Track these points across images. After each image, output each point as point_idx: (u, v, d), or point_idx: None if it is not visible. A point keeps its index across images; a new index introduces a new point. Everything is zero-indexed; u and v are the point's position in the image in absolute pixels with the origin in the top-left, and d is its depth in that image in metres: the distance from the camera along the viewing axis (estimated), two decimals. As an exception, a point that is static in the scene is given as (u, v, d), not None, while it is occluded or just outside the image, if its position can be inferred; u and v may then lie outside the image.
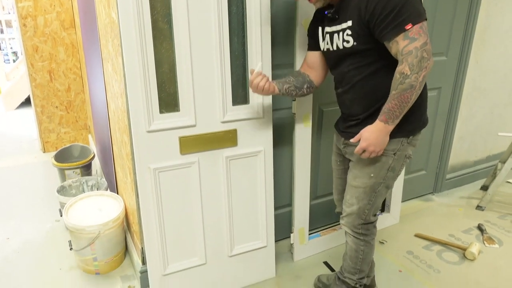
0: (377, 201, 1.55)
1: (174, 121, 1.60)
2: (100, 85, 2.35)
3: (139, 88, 1.51)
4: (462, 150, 2.99)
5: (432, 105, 2.64)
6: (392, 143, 1.44)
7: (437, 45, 2.48)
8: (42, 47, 3.53)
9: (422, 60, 1.23)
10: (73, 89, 3.76)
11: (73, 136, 3.91)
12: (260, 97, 1.73)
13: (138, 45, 1.47)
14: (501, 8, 2.70)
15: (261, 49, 1.67)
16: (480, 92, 2.87)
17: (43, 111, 3.72)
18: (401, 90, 1.27)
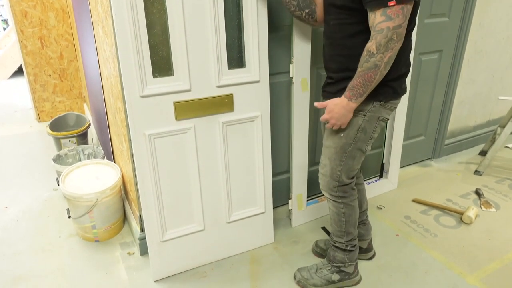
0: (349, 163, 1.53)
1: (168, 86, 1.55)
2: (92, 50, 2.28)
3: (131, 51, 1.45)
4: (462, 115, 2.96)
5: (433, 69, 2.58)
6: (361, 104, 1.41)
7: (439, 6, 2.39)
8: (31, 12, 3.41)
9: (390, 41, 1.22)
10: (66, 56, 3.67)
11: (68, 105, 3.85)
12: (257, 61, 1.67)
13: (128, 4, 1.39)
14: (507, -34, 2.60)
15: (256, 9, 1.60)
16: (481, 55, 2.81)
17: (36, 80, 3.65)
18: (366, 69, 1.28)
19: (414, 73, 2.47)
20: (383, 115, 1.47)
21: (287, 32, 1.86)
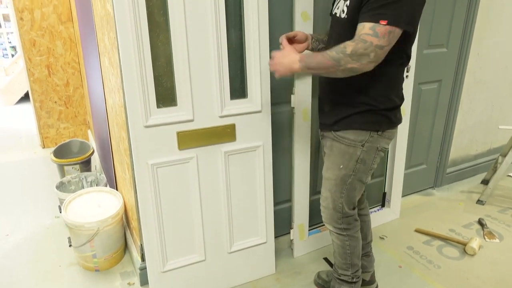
0: (350, 194, 1.54)
1: (172, 116, 1.58)
2: (98, 79, 2.33)
3: (136, 82, 1.48)
4: (463, 143, 2.97)
5: (432, 98, 2.61)
6: (359, 134, 1.43)
7: (437, 37, 2.45)
8: (40, 41, 3.50)
9: (365, 56, 1.22)
10: (72, 83, 3.73)
11: (73, 131, 3.89)
12: (259, 91, 1.70)
13: (134, 38, 1.44)
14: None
15: (258, 41, 1.64)
16: (481, 84, 2.85)
17: (42, 106, 3.70)
18: (331, 57, 1.26)
19: (414, 102, 2.50)
20: (382, 145, 1.48)
21: (289, 63, 1.90)
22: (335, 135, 1.49)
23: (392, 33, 1.22)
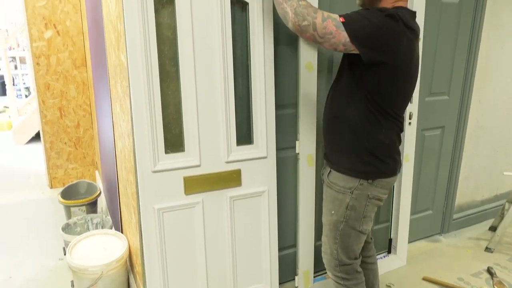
0: (345, 241, 1.53)
1: (179, 161, 1.62)
2: (108, 123, 2.40)
3: (146, 128, 1.54)
4: (468, 189, 2.97)
5: (436, 144, 2.64)
6: (348, 181, 1.46)
7: (438, 85, 2.52)
8: (54, 85, 3.63)
9: (299, 16, 1.30)
10: (82, 125, 3.83)
11: (81, 172, 3.95)
12: (264, 137, 1.75)
13: (146, 87, 1.51)
14: (501, 47, 2.76)
15: (264, 90, 1.71)
16: (483, 131, 2.88)
17: (52, 147, 3.78)
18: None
19: (418, 148, 2.53)
20: (374, 194, 1.48)
21: (294, 110, 1.96)
22: (328, 182, 1.54)
23: (335, 33, 1.28)
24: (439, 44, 2.42)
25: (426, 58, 2.35)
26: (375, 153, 1.43)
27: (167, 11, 1.53)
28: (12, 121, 5.84)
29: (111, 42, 1.90)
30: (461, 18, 2.46)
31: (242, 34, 1.67)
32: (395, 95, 1.39)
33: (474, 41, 2.56)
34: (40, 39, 3.43)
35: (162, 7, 1.52)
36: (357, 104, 1.41)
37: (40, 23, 3.38)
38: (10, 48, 6.66)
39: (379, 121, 1.40)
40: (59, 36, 3.49)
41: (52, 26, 3.44)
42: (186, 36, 1.54)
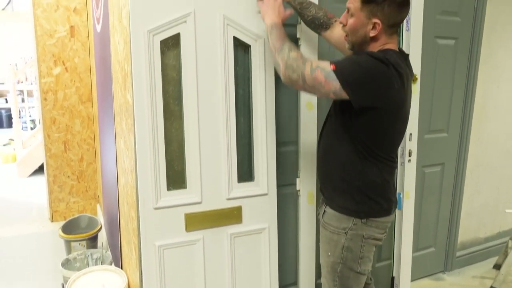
0: (344, 283, 1.50)
1: (181, 198, 1.64)
2: (112, 158, 2.44)
3: (149, 165, 1.57)
4: (471, 226, 2.95)
5: (436, 181, 2.66)
6: (342, 221, 1.46)
7: (437, 123, 2.56)
8: (60, 119, 3.70)
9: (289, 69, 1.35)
10: (86, 159, 3.87)
11: (82, 205, 3.95)
12: (265, 174, 1.78)
13: (150, 125, 1.56)
14: (497, 86, 2.82)
15: (265, 128, 1.75)
16: (483, 168, 2.90)
17: (55, 181, 3.81)
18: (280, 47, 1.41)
19: (418, 185, 2.54)
20: (369, 233, 1.47)
21: (294, 147, 2.00)
22: (322, 222, 1.54)
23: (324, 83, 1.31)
24: (437, 83, 2.49)
25: (424, 96, 2.41)
26: (367, 192, 1.44)
27: (173, 53, 1.60)
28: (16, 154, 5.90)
29: (117, 81, 1.96)
30: (457, 59, 2.54)
31: (244, 74, 1.73)
32: (386, 138, 1.41)
33: (471, 81, 2.63)
34: (49, 75, 3.53)
35: (168, 49, 1.59)
36: (348, 145, 1.43)
37: (49, 60, 3.50)
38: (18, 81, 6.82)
39: (370, 161, 1.42)
40: (67, 72, 3.59)
41: (61, 63, 3.55)
42: (190, 77, 1.60)
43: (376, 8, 1.32)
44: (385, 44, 1.39)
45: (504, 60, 2.80)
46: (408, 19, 2.12)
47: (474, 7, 2.50)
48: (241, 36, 1.67)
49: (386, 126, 1.38)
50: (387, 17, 1.34)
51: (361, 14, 1.35)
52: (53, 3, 3.37)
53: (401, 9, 1.35)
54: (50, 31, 3.43)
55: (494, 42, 2.70)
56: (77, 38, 3.53)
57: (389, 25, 1.35)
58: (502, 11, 2.66)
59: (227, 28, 1.63)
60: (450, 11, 2.40)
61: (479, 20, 2.53)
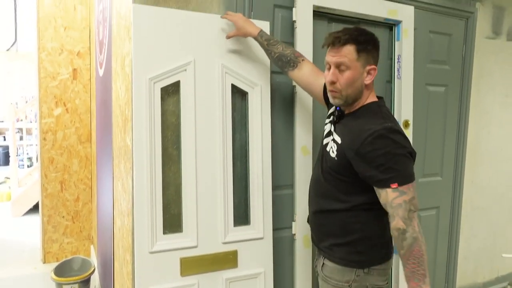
0: None
1: (177, 242, 1.64)
2: (108, 200, 2.45)
3: (146, 209, 1.59)
4: (468, 270, 2.92)
5: (432, 224, 2.66)
6: (344, 274, 1.44)
7: (430, 167, 2.60)
8: (58, 159, 3.72)
9: (410, 212, 1.27)
10: (82, 199, 3.86)
11: (76, 246, 3.89)
12: (261, 218, 1.79)
13: (148, 169, 1.59)
14: (488, 132, 2.89)
15: (262, 172, 1.78)
16: (479, 211, 2.92)
17: (49, 221, 3.77)
18: (408, 247, 1.27)
19: (415, 229, 2.54)
20: (373, 282, 1.45)
21: (290, 191, 2.02)
22: (323, 276, 1.51)
23: (410, 187, 1.28)
24: (429, 128, 2.55)
25: (417, 140, 2.46)
26: (367, 243, 1.44)
27: (173, 99, 1.66)
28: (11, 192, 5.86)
29: (117, 125, 2.01)
30: (448, 105, 2.62)
31: (241, 120, 1.79)
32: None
33: (462, 126, 2.70)
34: (50, 116, 3.59)
35: (168, 96, 1.65)
36: (346, 202, 1.43)
37: (51, 101, 3.57)
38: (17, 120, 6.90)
39: (369, 213, 1.42)
40: (68, 113, 3.66)
41: (62, 104, 3.62)
42: (189, 122, 1.65)
43: (369, 54, 1.37)
44: (371, 92, 1.44)
45: (493, 106, 2.89)
46: (399, 68, 2.22)
47: (462, 56, 2.61)
48: (239, 83, 1.74)
49: None
50: (376, 60, 1.40)
51: (357, 64, 1.35)
52: (58, 47, 3.49)
53: (378, 49, 1.43)
54: (53, 74, 3.53)
55: (483, 88, 2.80)
56: (79, 80, 3.63)
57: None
58: (488, 59, 2.78)
59: (225, 76, 1.70)
60: (439, 60, 2.51)
61: (467, 68, 2.63)
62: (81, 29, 3.54)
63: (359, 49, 1.35)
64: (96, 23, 2.91)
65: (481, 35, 2.70)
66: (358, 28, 1.41)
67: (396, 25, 2.21)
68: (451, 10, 2.47)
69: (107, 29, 2.27)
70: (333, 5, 1.96)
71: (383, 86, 2.31)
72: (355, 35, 1.35)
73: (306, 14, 1.88)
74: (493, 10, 2.73)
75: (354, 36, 1.35)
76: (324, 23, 2.03)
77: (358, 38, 1.35)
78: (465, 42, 2.60)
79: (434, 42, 2.46)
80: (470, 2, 2.58)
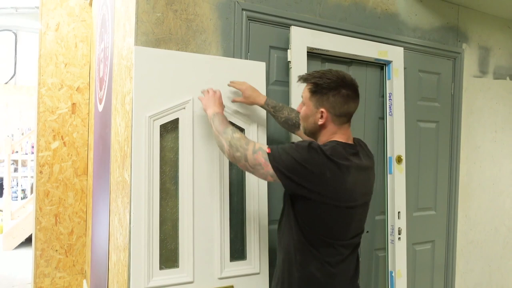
0: None
1: (173, 278, 1.64)
2: (104, 235, 2.44)
3: (142, 244, 1.60)
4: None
5: (428, 258, 2.67)
6: None
7: (424, 201, 2.64)
8: (53, 192, 3.72)
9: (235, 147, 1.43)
10: (76, 232, 3.82)
11: (68, 281, 3.82)
12: (257, 253, 1.80)
13: (146, 204, 1.61)
14: (479, 166, 2.95)
15: (258, 207, 1.81)
16: (474, 245, 2.93)
17: (42, 255, 3.72)
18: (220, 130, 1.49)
19: (410, 262, 2.55)
20: None
21: (286, 225, 2.03)
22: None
23: (263, 164, 1.37)
24: (421, 163, 2.60)
25: (410, 175, 2.51)
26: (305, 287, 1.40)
27: (171, 136, 1.71)
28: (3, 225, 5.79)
29: (116, 160, 2.05)
30: (439, 140, 2.69)
31: (238, 156, 1.83)
32: (327, 226, 1.38)
33: (454, 160, 2.76)
34: (47, 149, 3.62)
35: (166, 132, 1.70)
36: (291, 233, 1.43)
37: (49, 135, 3.61)
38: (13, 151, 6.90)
39: (312, 252, 1.38)
40: (65, 146, 3.69)
41: (59, 138, 3.66)
42: (187, 158, 1.69)
43: (322, 98, 1.40)
44: (334, 134, 1.43)
45: (483, 141, 2.96)
46: (391, 105, 2.29)
47: (451, 93, 2.71)
48: (236, 120, 1.79)
49: (323, 216, 1.36)
50: (333, 107, 1.40)
51: (310, 103, 1.43)
52: (58, 83, 3.57)
53: (347, 100, 1.40)
54: (52, 108, 3.58)
55: (473, 124, 2.88)
56: (78, 114, 3.68)
57: (336, 114, 1.41)
58: (476, 97, 2.88)
59: (223, 114, 1.75)
60: (429, 97, 2.60)
61: (456, 105, 2.72)
62: (81, 65, 3.64)
63: (313, 90, 1.42)
64: (97, 60, 3.00)
65: (469, 73, 2.81)
66: (325, 72, 1.43)
67: (386, 65, 2.30)
68: (439, 50, 2.59)
69: (108, 67, 2.34)
70: (326, 46, 2.05)
71: (376, 122, 2.38)
72: (315, 76, 1.42)
73: (300, 55, 1.96)
74: (479, 50, 2.86)
75: (313, 77, 1.43)
76: (317, 63, 2.12)
77: (317, 81, 1.41)
78: (453, 81, 2.70)
79: (423, 80, 2.56)
80: (456, 43, 2.71)
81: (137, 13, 1.67)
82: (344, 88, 1.40)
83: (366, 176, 1.45)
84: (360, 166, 1.41)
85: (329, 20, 2.13)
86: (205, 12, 1.82)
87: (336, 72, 1.43)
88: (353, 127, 2.25)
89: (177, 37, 1.75)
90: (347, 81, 1.41)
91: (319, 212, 1.36)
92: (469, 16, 2.77)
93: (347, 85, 1.41)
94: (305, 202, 1.37)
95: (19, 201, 6.70)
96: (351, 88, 1.42)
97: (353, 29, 2.19)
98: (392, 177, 2.35)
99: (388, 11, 2.37)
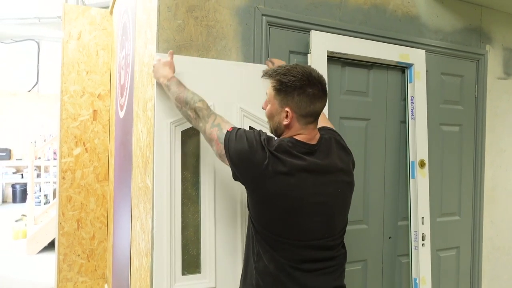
0: None
1: (195, 283, 1.64)
2: (125, 240, 2.46)
3: (165, 250, 1.60)
4: (493, 314, 2.82)
5: (453, 265, 2.61)
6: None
7: (448, 206, 2.58)
8: (76, 197, 3.79)
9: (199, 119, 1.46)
10: (97, 237, 3.88)
11: (90, 285, 3.88)
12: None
13: (168, 210, 1.62)
14: (505, 170, 2.87)
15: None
16: (500, 251, 2.85)
17: (65, 259, 3.78)
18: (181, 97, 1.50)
19: (435, 269, 2.49)
20: None
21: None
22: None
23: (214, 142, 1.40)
24: (445, 167, 2.55)
25: (433, 179, 2.45)
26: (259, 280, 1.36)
27: (193, 141, 1.72)
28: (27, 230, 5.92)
29: (137, 165, 2.07)
30: (463, 144, 2.63)
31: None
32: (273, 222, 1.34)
33: (478, 165, 2.69)
34: (69, 155, 3.69)
35: (188, 138, 1.71)
36: (249, 228, 1.43)
37: (71, 141, 3.68)
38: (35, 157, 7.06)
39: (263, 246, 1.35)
40: (87, 152, 3.75)
41: (81, 144, 3.72)
42: (208, 163, 1.69)
43: (287, 97, 1.34)
44: (298, 134, 1.37)
45: (509, 144, 2.88)
46: (413, 109, 2.26)
47: (475, 96, 2.65)
48: (255, 125, 1.79)
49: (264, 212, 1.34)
50: (298, 107, 1.33)
51: (275, 102, 1.37)
52: (79, 90, 3.64)
53: (313, 100, 1.34)
54: (74, 115, 3.66)
55: (498, 128, 2.81)
56: (99, 121, 3.75)
57: (302, 114, 1.34)
58: (501, 99, 2.81)
59: (243, 119, 1.76)
60: (452, 100, 2.55)
61: (480, 108, 2.66)
62: (102, 73, 3.70)
63: (277, 88, 1.35)
64: (118, 67, 3.04)
65: (493, 75, 2.75)
66: (291, 68, 1.35)
67: (408, 68, 2.27)
68: (462, 52, 2.54)
69: (129, 74, 2.38)
70: (346, 50, 2.03)
71: (398, 126, 2.34)
72: (280, 73, 1.34)
73: (320, 59, 1.95)
74: (503, 52, 2.79)
75: (277, 73, 1.35)
76: (338, 67, 2.10)
77: (281, 78, 1.33)
78: (477, 83, 2.64)
79: (446, 83, 2.51)
80: (480, 45, 2.65)
81: (158, 21, 1.69)
82: (310, 87, 1.33)
83: (323, 175, 1.36)
84: (313, 165, 1.33)
85: (349, 24, 2.12)
86: (225, 18, 1.83)
87: (302, 68, 1.35)
88: (374, 132, 2.23)
89: (198, 43, 1.77)
90: (313, 79, 1.33)
91: (259, 207, 1.35)
92: (493, 17, 2.71)
93: (313, 83, 1.33)
94: (249, 194, 1.37)
95: (42, 206, 6.83)
96: (317, 87, 1.34)
97: (373, 32, 2.17)
98: (415, 182, 2.30)
99: (409, 14, 2.34)
